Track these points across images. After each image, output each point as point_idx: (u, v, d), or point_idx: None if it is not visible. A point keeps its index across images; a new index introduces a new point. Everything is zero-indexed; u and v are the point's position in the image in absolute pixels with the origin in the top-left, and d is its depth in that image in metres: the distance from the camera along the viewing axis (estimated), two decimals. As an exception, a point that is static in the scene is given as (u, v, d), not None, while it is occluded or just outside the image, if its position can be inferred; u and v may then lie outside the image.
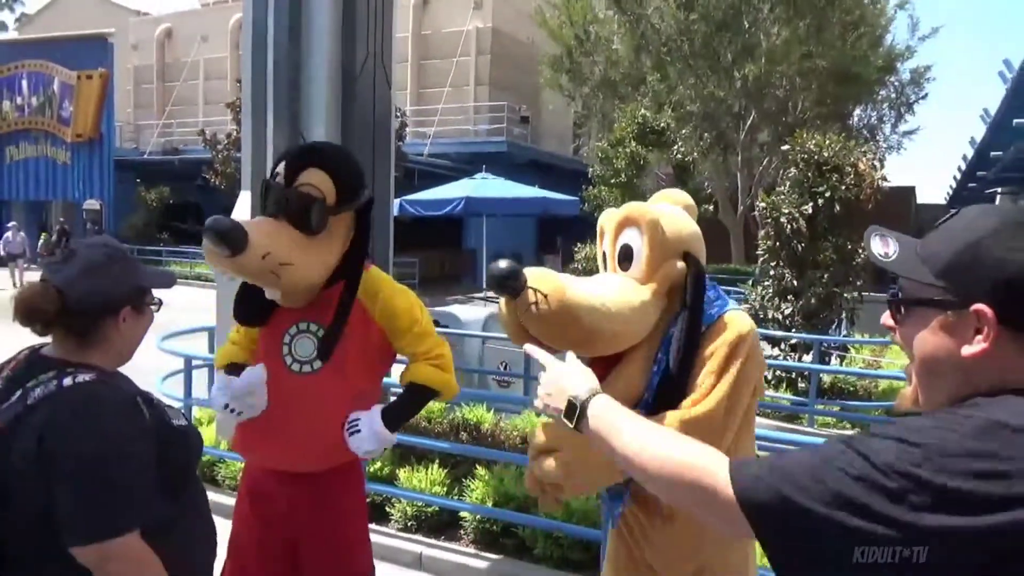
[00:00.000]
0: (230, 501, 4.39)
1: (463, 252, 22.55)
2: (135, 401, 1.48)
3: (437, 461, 4.26)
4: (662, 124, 11.33)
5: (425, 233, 21.36)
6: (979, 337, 0.94)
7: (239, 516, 2.21)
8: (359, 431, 2.00)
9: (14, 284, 16.21)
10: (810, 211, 7.09)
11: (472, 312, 6.74)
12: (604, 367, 1.83)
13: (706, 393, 1.72)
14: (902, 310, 1.05)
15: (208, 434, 4.90)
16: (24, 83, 24.40)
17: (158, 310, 1.66)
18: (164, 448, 1.50)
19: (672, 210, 1.95)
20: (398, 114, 19.52)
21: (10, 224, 17.67)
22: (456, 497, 4.06)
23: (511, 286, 1.66)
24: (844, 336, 8.26)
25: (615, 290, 1.79)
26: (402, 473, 4.22)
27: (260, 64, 4.64)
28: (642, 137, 10.83)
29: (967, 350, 0.94)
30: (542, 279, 1.70)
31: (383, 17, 4.79)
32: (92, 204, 23.90)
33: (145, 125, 30.17)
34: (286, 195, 1.98)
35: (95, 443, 1.39)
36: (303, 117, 4.63)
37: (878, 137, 20.84)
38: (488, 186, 10.83)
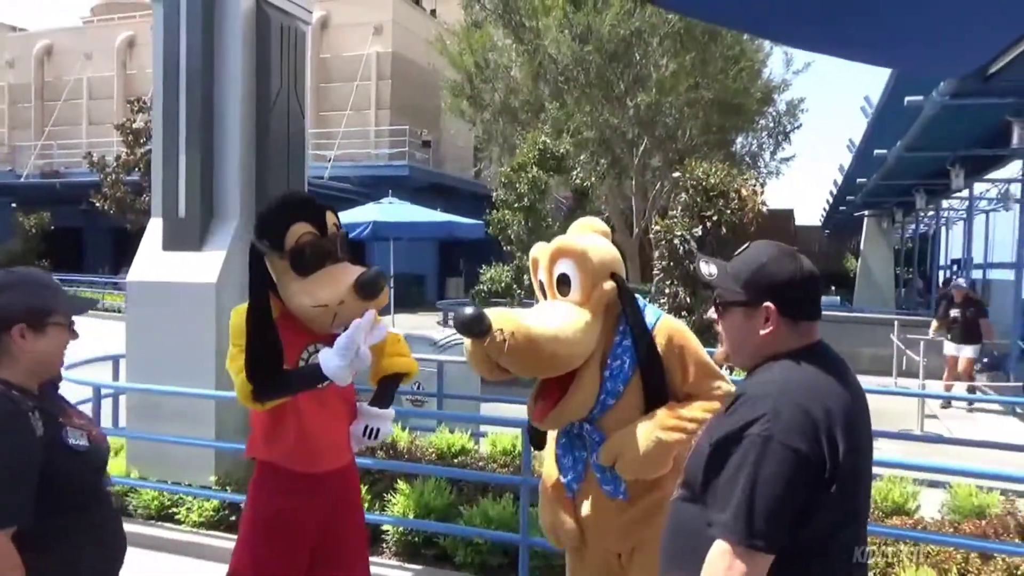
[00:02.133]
0: (145, 530, 4.37)
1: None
2: (23, 413, 1.62)
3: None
4: (561, 150, 11.81)
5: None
6: (768, 323, 1.53)
7: (269, 515, 2.36)
8: (377, 430, 2.51)
9: None
10: (700, 233, 7.65)
11: (445, 334, 6.88)
12: (558, 384, 2.16)
13: (715, 374, 2.19)
14: (721, 309, 1.62)
15: (119, 465, 4.85)
16: None
17: (71, 332, 1.80)
18: (52, 463, 1.63)
19: (595, 239, 2.30)
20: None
21: None
22: (378, 511, 4.19)
23: (478, 329, 1.97)
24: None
25: (563, 317, 2.12)
26: (323, 492, 4.31)
27: (172, 93, 4.68)
28: (543, 162, 11.25)
29: (762, 331, 1.54)
30: (505, 320, 2.01)
31: (296, 49, 4.94)
32: (-37, 231, 22.38)
33: (22, 147, 28.46)
34: (330, 242, 2.34)
35: None
36: (217, 145, 4.70)
37: (759, 164, 22.23)
38: (395, 210, 10.97)
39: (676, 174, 8.41)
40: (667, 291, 8.17)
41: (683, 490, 1.55)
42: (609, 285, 2.19)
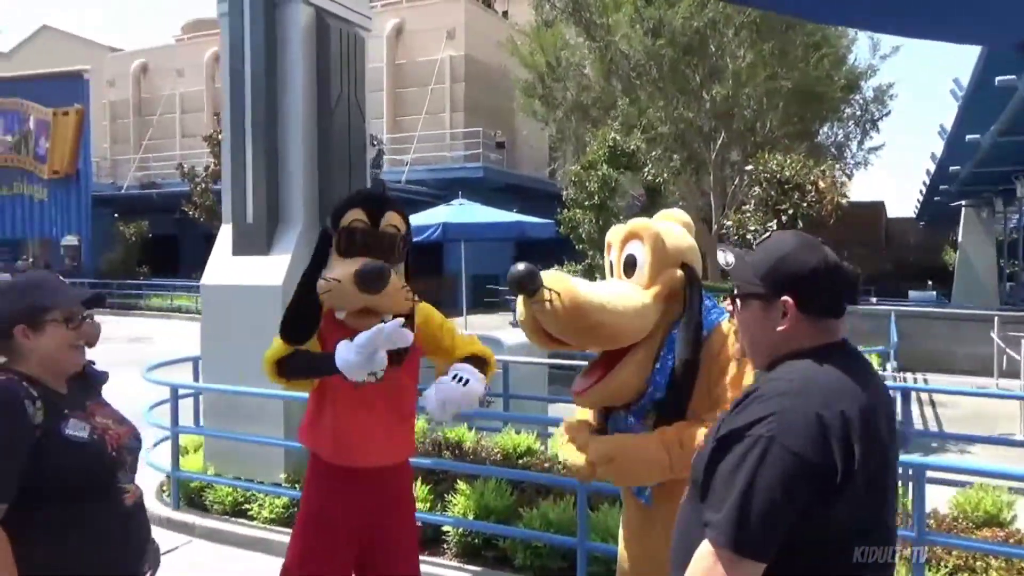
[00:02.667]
0: (218, 525, 4.53)
1: (444, 277, 22.72)
2: (20, 400, 1.70)
3: (420, 478, 4.41)
4: (632, 147, 11.63)
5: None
6: (786, 318, 1.42)
7: (316, 510, 2.46)
8: (467, 380, 2.38)
9: None
10: (774, 227, 7.37)
11: (515, 336, 6.91)
12: (605, 363, 2.12)
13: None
14: (738, 301, 1.51)
15: (195, 461, 5.04)
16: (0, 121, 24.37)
17: (78, 329, 1.87)
18: (46, 452, 1.69)
19: (672, 226, 2.26)
20: (375, 143, 19.79)
21: None
22: (439, 512, 4.21)
23: (528, 286, 1.95)
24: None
25: (618, 292, 2.08)
26: (385, 492, 4.36)
27: (239, 103, 4.83)
28: (613, 160, 11.10)
29: (780, 327, 1.43)
30: (556, 280, 1.99)
31: (355, 55, 5.02)
32: (70, 240, 23.83)
33: (122, 160, 30.18)
34: (378, 235, 2.37)
35: None
36: (281, 153, 4.83)
37: (845, 154, 21.35)
38: (465, 212, 11.04)
39: (748, 168, 8.14)
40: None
41: (691, 489, 1.47)
42: (678, 273, 2.14)
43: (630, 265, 2.16)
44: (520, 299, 2.03)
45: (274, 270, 4.67)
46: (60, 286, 1.91)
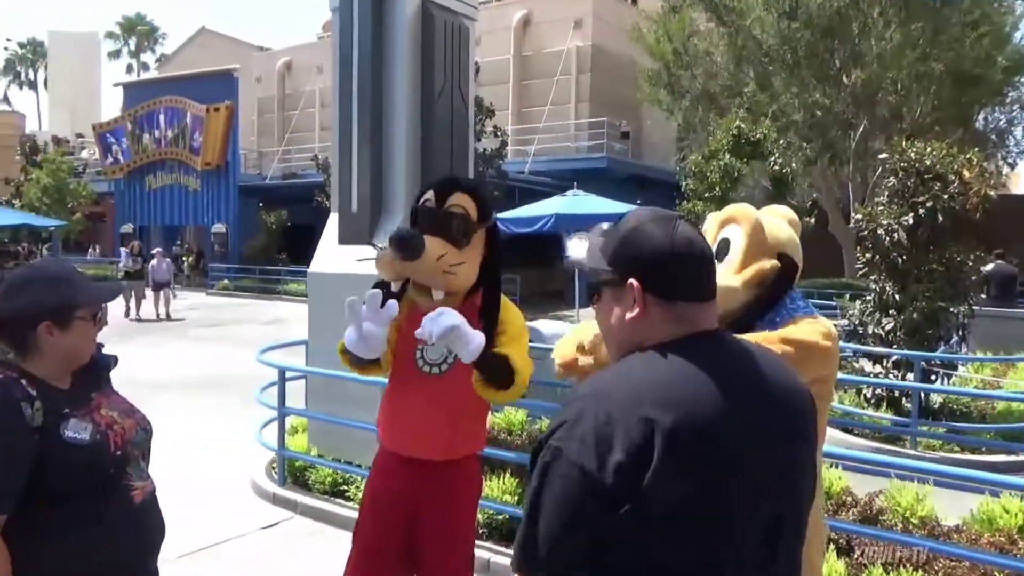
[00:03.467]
0: (319, 503, 4.70)
1: (564, 269, 22.66)
2: (16, 403, 1.63)
3: (509, 471, 4.38)
4: (759, 135, 11.05)
5: (525, 250, 21.61)
6: (635, 305, 1.22)
7: (369, 489, 2.54)
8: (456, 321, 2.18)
9: (158, 315, 15.46)
10: (910, 221, 6.75)
11: (555, 327, 6.82)
12: None
13: None
14: (596, 296, 1.33)
15: (300, 442, 5.25)
16: (161, 117, 26.60)
17: (99, 324, 1.83)
18: (46, 454, 1.64)
19: (776, 220, 2.15)
20: (499, 134, 19.97)
21: (155, 251, 16.54)
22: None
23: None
24: (955, 353, 7.77)
25: None
26: (475, 482, 4.36)
27: (347, 95, 4.95)
28: (737, 149, 10.60)
29: (628, 315, 1.23)
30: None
31: (460, 46, 5.02)
32: (219, 228, 25.71)
33: (267, 152, 32.15)
34: (440, 214, 2.35)
35: None
36: (386, 143, 4.91)
37: (1008, 142, 19.43)
38: (579, 203, 10.90)
39: (882, 156, 7.51)
40: (873, 287, 7.32)
41: None
42: (771, 263, 2.01)
43: (723, 249, 2.06)
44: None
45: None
46: (84, 280, 1.84)
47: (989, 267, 10.65)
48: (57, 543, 1.67)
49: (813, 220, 12.27)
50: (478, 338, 2.18)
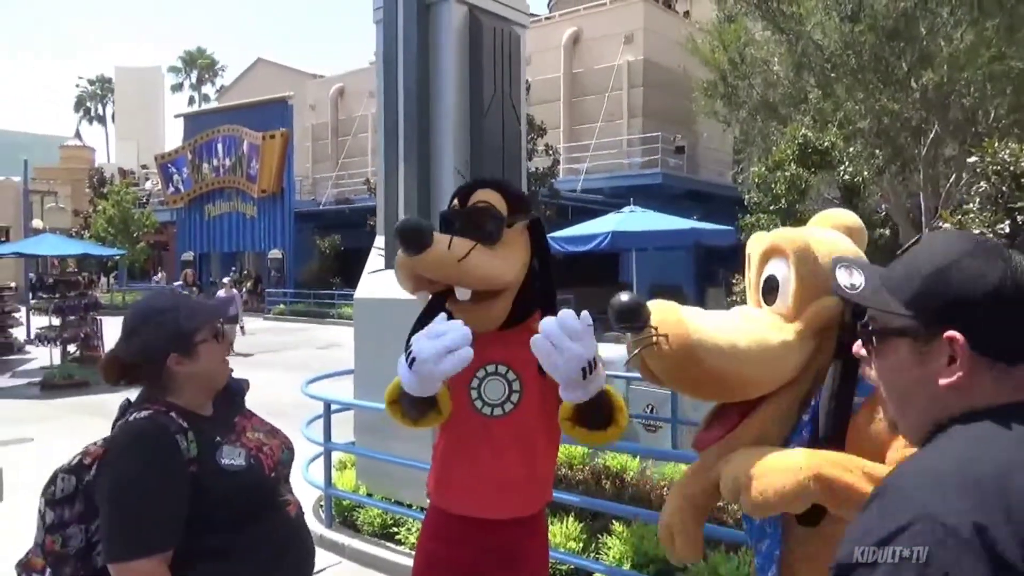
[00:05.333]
0: (367, 547, 4.38)
1: (621, 287, 22.17)
2: (171, 437, 1.61)
3: (573, 513, 3.99)
4: (826, 144, 10.47)
5: (581, 269, 21.20)
6: (954, 365, 0.91)
7: (423, 555, 2.19)
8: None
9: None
10: (1007, 230, 6.14)
11: (616, 351, 6.41)
12: (739, 409, 1.62)
13: None
14: (874, 341, 1.02)
15: (349, 479, 4.95)
16: (219, 146, 27.21)
17: (224, 341, 1.82)
18: (204, 483, 1.61)
19: (830, 236, 1.69)
20: (551, 152, 19.68)
21: (224, 280, 15.45)
22: (592, 555, 3.75)
23: (632, 322, 1.53)
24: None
25: (749, 329, 1.58)
26: (536, 526, 3.98)
27: (392, 110, 4.70)
28: (803, 159, 10.05)
29: (944, 380, 0.92)
30: (664, 316, 1.53)
31: (510, 56, 4.71)
32: (275, 253, 26.05)
33: (321, 178, 32.58)
34: (463, 212, 2.08)
35: (120, 475, 1.56)
36: (434, 159, 4.62)
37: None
38: (635, 219, 10.48)
39: (972, 159, 6.92)
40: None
41: None
42: (834, 301, 1.57)
43: (770, 289, 1.65)
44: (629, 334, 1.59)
45: (424, 283, 4.45)
46: (194, 303, 1.85)
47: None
48: (226, 566, 1.64)
49: (888, 231, 11.54)
50: (601, 372, 1.80)
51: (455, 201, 2.15)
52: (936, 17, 13.96)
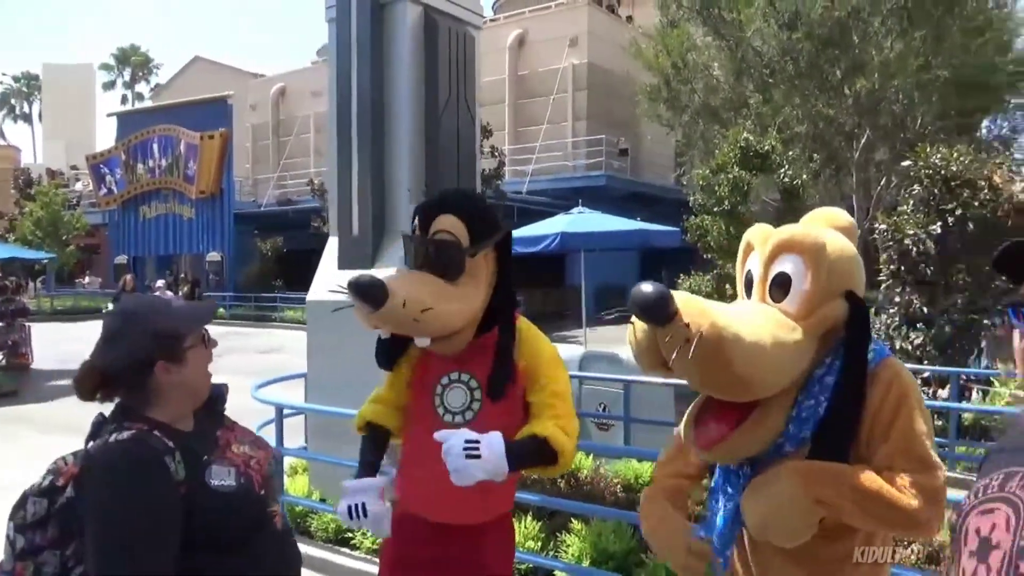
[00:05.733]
0: (321, 554, 4.31)
1: (566, 288, 22.33)
2: (160, 460, 1.50)
3: (531, 513, 4.00)
4: (766, 147, 10.78)
5: (527, 270, 21.30)
6: None
7: (388, 557, 2.19)
8: (478, 455, 1.79)
9: None
10: (939, 231, 6.43)
11: (568, 351, 6.46)
12: (735, 404, 1.60)
13: (926, 457, 1.53)
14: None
15: (301, 484, 4.87)
16: (155, 146, 26.27)
17: (212, 347, 1.72)
18: (194, 504, 1.51)
19: (837, 238, 1.68)
20: (496, 153, 19.72)
21: (158, 284, 14.18)
22: (551, 554, 3.77)
23: (661, 315, 1.46)
24: (985, 368, 7.42)
25: (770, 329, 1.55)
26: (494, 526, 3.98)
27: (345, 111, 4.63)
28: (745, 162, 10.32)
29: None
30: (697, 310, 1.48)
31: (465, 57, 4.71)
32: (214, 256, 25.39)
33: (262, 179, 31.93)
34: (424, 244, 2.03)
35: (109, 497, 1.45)
36: (388, 160, 4.58)
37: (1012, 149, 19.22)
38: (584, 221, 10.59)
39: (906, 163, 7.21)
40: (897, 300, 6.99)
41: None
42: (840, 304, 1.61)
43: (780, 285, 1.63)
44: (638, 324, 1.55)
45: (379, 284, 4.41)
46: (178, 307, 1.75)
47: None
48: None
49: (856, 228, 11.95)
50: (492, 458, 1.80)
51: (416, 222, 2.10)
52: (868, 26, 14.48)
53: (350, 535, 4.42)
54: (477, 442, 1.79)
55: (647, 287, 1.46)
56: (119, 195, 27.06)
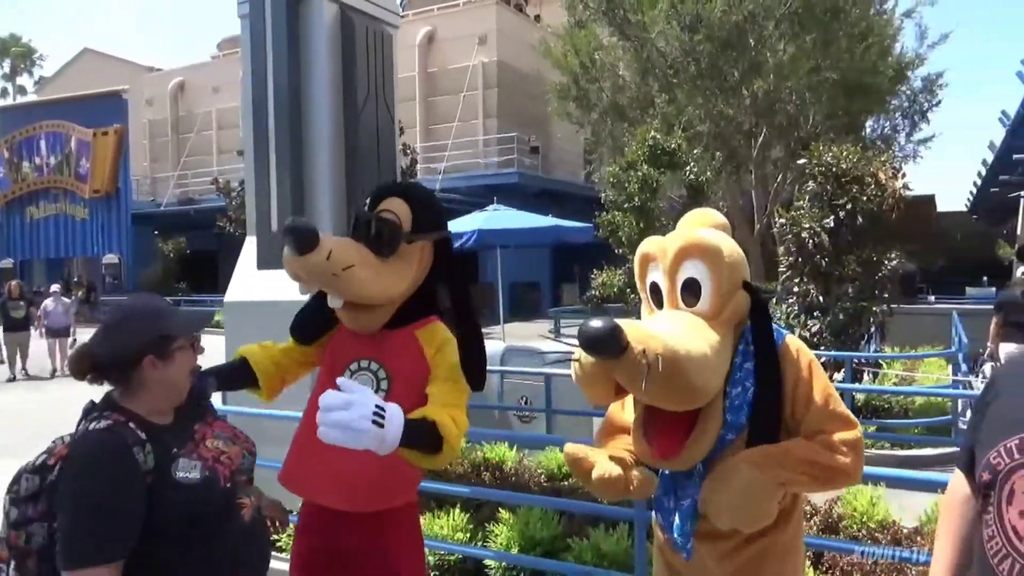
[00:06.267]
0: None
1: (481, 285, 22.47)
2: (129, 451, 1.62)
3: (459, 505, 4.08)
4: (673, 145, 11.20)
5: (442, 268, 21.22)
6: None
7: (295, 551, 2.20)
8: (382, 426, 1.66)
9: (53, 370, 12.45)
10: (832, 224, 6.89)
11: (488, 346, 6.57)
12: (676, 414, 1.68)
13: (844, 415, 1.72)
14: None
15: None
16: (42, 143, 24.85)
17: (197, 350, 1.85)
18: (160, 496, 1.63)
19: (723, 237, 1.82)
20: (408, 151, 19.62)
21: (52, 288, 13.30)
22: (480, 544, 3.86)
23: (614, 348, 1.51)
24: (875, 351, 7.99)
25: (705, 337, 1.66)
26: (422, 520, 4.03)
27: (261, 107, 4.57)
28: (654, 159, 10.71)
29: None
30: (645, 336, 1.55)
31: (383, 55, 4.73)
32: (111, 258, 24.22)
33: (161, 178, 30.59)
34: (366, 218, 2.08)
35: (77, 487, 1.59)
36: (307, 157, 4.55)
37: (893, 147, 20.59)
38: (500, 218, 10.72)
39: (801, 161, 7.68)
40: (796, 290, 7.43)
41: None
42: (742, 296, 1.75)
43: (690, 290, 1.74)
44: (580, 355, 1.62)
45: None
46: (176, 311, 1.89)
47: (899, 264, 11.16)
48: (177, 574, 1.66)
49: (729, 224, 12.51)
50: (392, 430, 1.68)
51: (367, 201, 2.16)
52: (763, 30, 15.22)
53: (276, 538, 4.38)
54: (384, 410, 1.68)
55: (596, 323, 1.51)
56: (2, 195, 25.47)
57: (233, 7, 4.81)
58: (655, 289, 1.82)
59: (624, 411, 1.97)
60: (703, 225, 1.87)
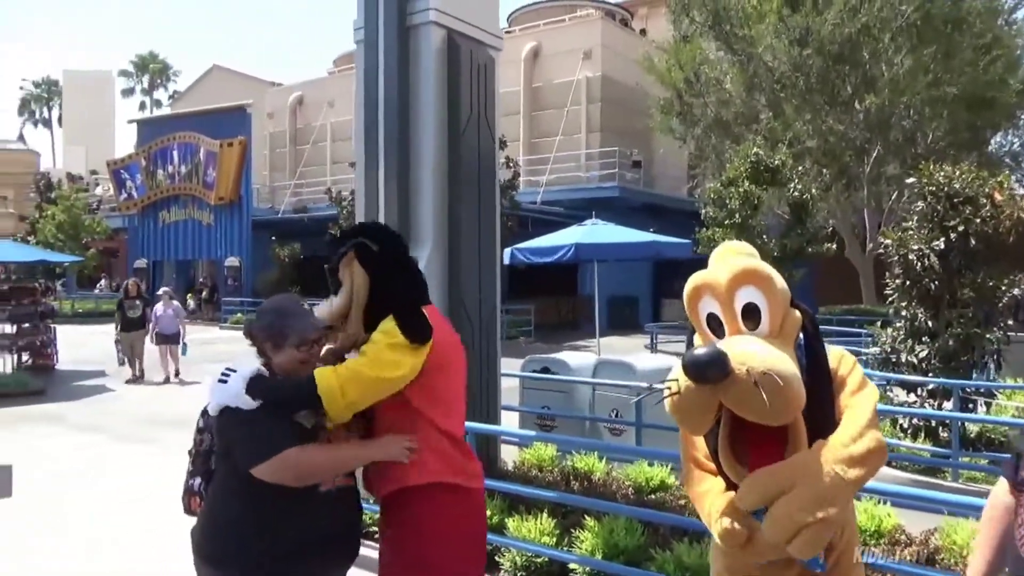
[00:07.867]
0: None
1: (580, 298, 22.55)
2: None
3: (546, 510, 4.22)
4: (776, 162, 11.00)
5: (540, 280, 21.52)
6: None
7: None
8: (225, 382, 2.10)
9: (166, 376, 12.12)
10: (941, 246, 6.62)
11: (582, 358, 6.69)
12: (767, 432, 1.79)
13: (872, 420, 1.83)
14: None
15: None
16: (175, 153, 26.86)
17: (303, 351, 2.18)
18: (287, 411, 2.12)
19: (764, 263, 1.96)
20: (511, 164, 20.00)
21: (161, 290, 13.06)
22: (565, 548, 4.00)
23: (719, 372, 1.67)
24: (990, 381, 7.58)
25: (783, 354, 1.79)
26: (511, 522, 4.20)
27: (372, 127, 4.90)
28: (756, 176, 10.55)
29: None
30: (742, 359, 1.69)
31: (485, 77, 4.97)
32: (232, 261, 25.78)
33: (279, 186, 32.35)
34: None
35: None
36: (413, 175, 4.84)
37: (1022, 164, 19.32)
38: (598, 232, 10.82)
39: (910, 180, 7.42)
40: (904, 313, 7.17)
41: None
42: (794, 314, 1.87)
43: (750, 314, 1.84)
44: (679, 386, 1.74)
45: (403, 292, 4.66)
46: (299, 313, 2.25)
47: (1016, 291, 10.47)
48: (277, 514, 2.06)
49: (835, 246, 12.15)
50: (233, 384, 2.07)
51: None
52: (878, 43, 14.70)
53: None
54: (232, 371, 2.11)
55: (701, 352, 1.66)
56: (139, 200, 27.69)
57: (349, 25, 5.17)
58: (712, 319, 1.91)
59: (696, 449, 2.05)
60: (740, 255, 1.97)
